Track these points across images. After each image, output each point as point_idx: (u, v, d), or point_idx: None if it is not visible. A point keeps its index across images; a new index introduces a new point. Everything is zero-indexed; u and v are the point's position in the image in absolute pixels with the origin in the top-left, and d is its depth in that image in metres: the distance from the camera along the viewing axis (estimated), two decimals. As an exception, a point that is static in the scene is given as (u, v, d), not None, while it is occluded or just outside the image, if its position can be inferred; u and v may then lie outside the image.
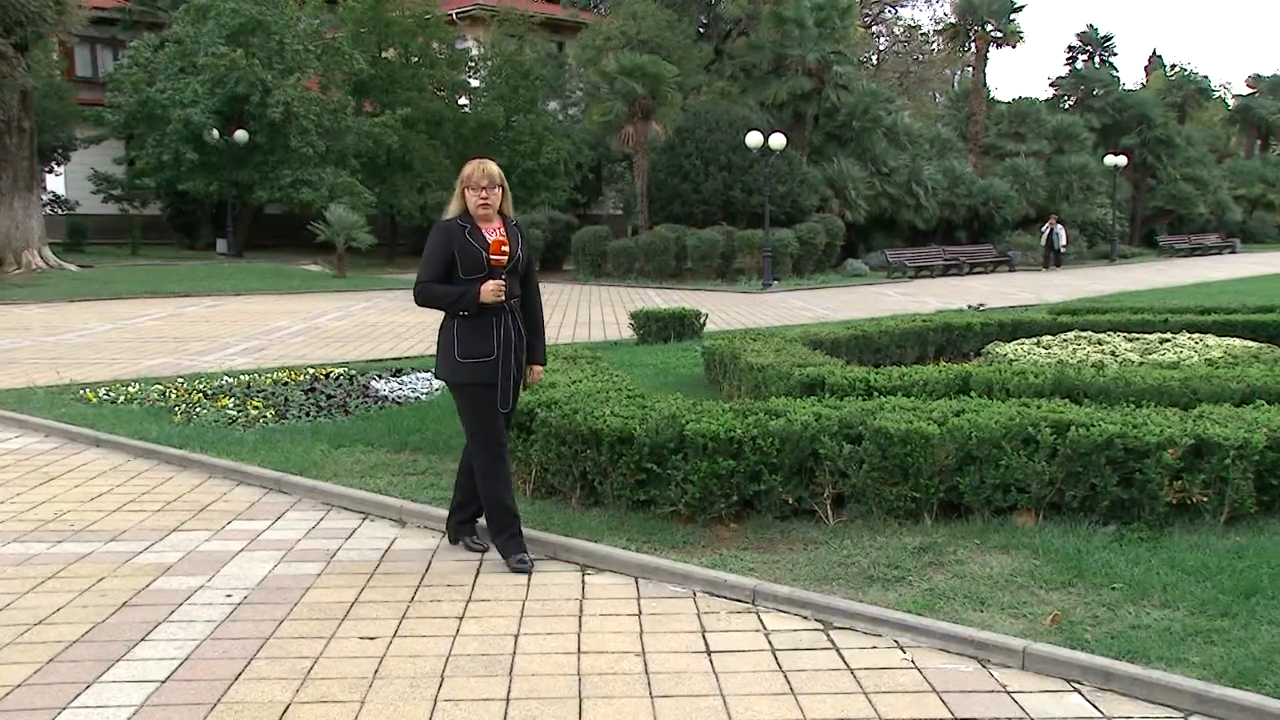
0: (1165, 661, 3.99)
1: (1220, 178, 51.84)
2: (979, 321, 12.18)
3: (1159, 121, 49.08)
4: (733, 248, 30.74)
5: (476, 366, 5.30)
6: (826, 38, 35.35)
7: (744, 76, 37.13)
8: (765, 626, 4.62)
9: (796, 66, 34.87)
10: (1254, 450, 5.43)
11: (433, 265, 5.32)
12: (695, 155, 32.76)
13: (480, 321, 5.28)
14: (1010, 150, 43.42)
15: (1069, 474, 5.53)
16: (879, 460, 5.64)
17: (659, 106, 32.61)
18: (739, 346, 9.64)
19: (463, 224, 5.31)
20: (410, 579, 5.27)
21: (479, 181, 5.29)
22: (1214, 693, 3.75)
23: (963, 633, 4.32)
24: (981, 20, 43.68)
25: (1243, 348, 10.00)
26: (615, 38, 35.42)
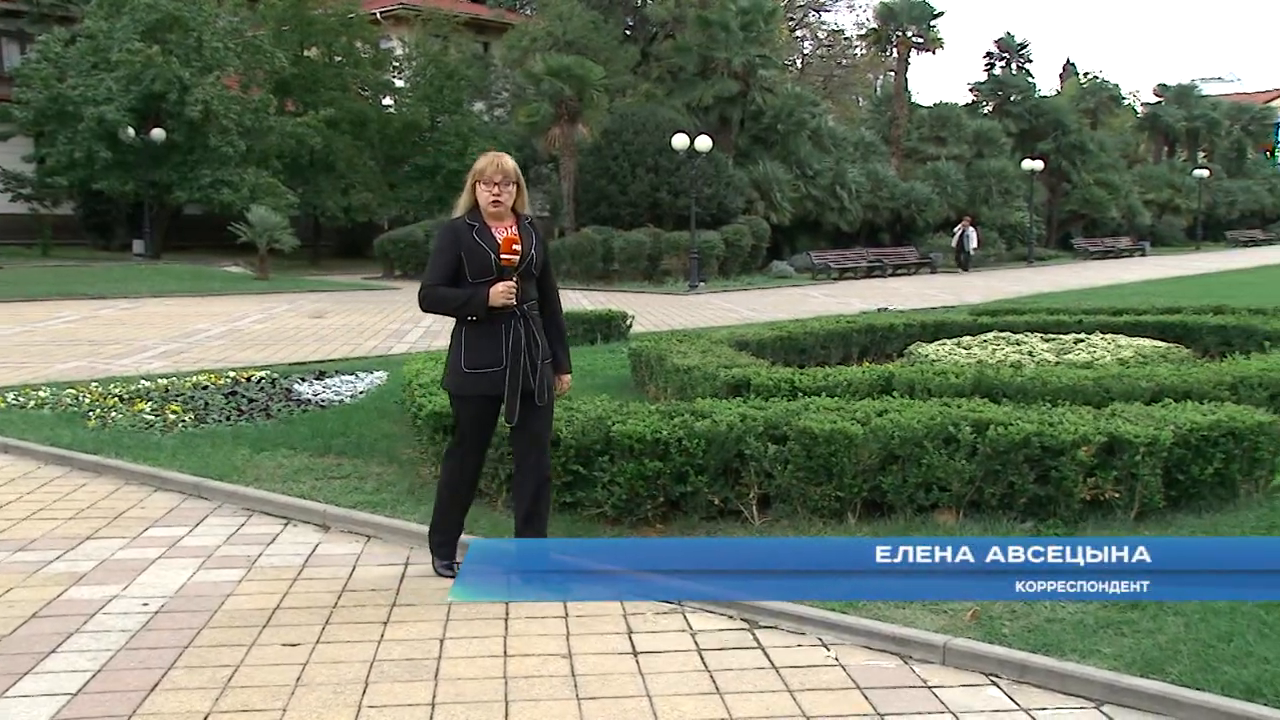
0: (1079, 654, 4.09)
1: (1131, 182, 53.14)
2: (902, 323, 12.35)
3: (1073, 127, 50.16)
4: (659, 249, 30.82)
5: (483, 378, 4.90)
6: (752, 41, 35.60)
7: (670, 79, 37.25)
8: (691, 627, 4.64)
9: (722, 69, 35.07)
10: (1162, 447, 5.58)
11: (439, 267, 4.95)
12: (622, 157, 32.80)
13: (489, 328, 4.89)
14: (932, 154, 44.07)
15: (988, 472, 5.63)
16: (804, 460, 5.70)
17: (586, 108, 32.58)
18: (665, 348, 9.67)
19: (471, 223, 4.95)
20: (334, 584, 5.21)
21: (492, 176, 4.91)
22: (1123, 682, 3.85)
23: (885, 630, 4.38)
24: (902, 26, 44.29)
25: (1152, 348, 10.27)
26: (542, 39, 35.33)
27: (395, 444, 7.67)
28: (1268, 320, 11.35)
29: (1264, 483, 6.03)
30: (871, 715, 3.83)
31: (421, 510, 6.15)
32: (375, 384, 10.50)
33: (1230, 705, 3.67)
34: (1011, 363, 9.17)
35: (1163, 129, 61.66)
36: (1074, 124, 50.52)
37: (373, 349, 14.59)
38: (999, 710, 3.86)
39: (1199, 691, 3.76)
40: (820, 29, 60.23)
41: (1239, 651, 3.99)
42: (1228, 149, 64.95)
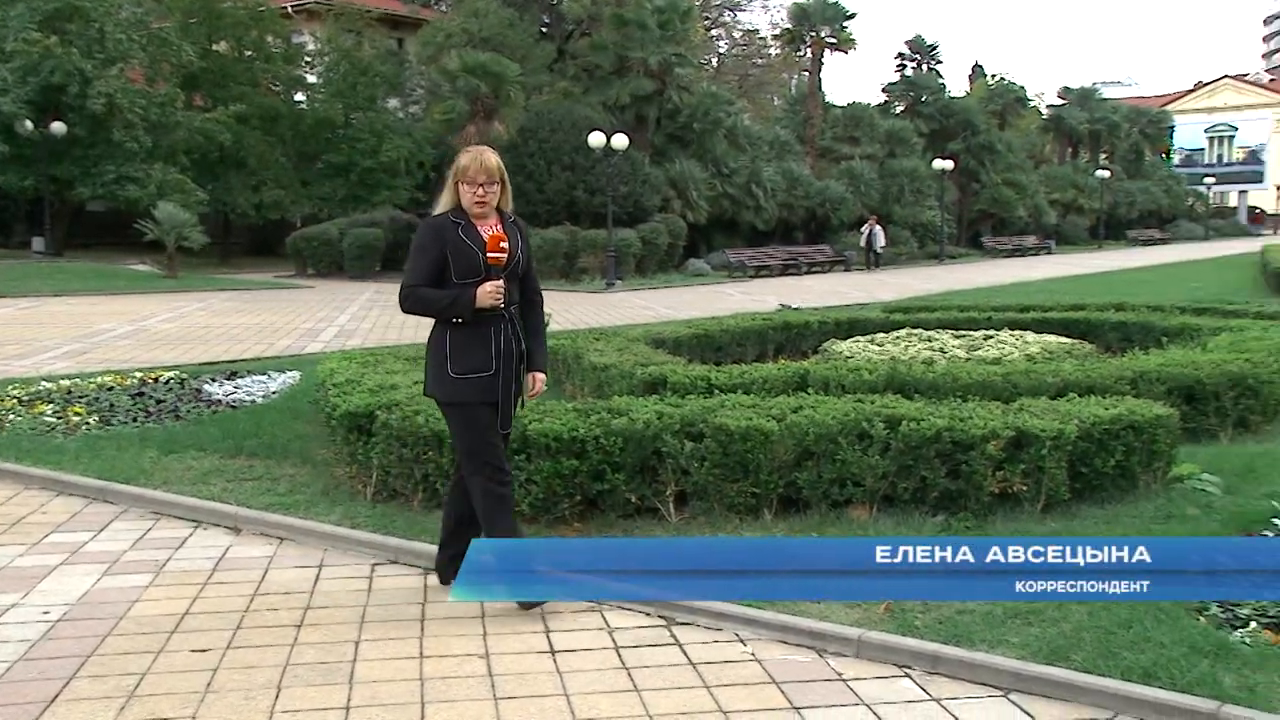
0: (988, 644, 4.18)
1: (1037, 182, 54.40)
2: (817, 320, 12.50)
3: (982, 128, 51.20)
4: (576, 247, 30.78)
5: (473, 383, 4.64)
6: (668, 40, 35.72)
7: (587, 77, 37.22)
8: (609, 624, 4.65)
9: (639, 68, 35.15)
10: (1067, 441, 5.72)
11: (421, 267, 4.68)
12: (539, 155, 32.70)
13: (476, 331, 4.64)
14: (845, 153, 44.65)
15: (901, 467, 5.72)
16: (720, 457, 5.74)
17: (502, 105, 32.41)
18: (582, 346, 9.67)
19: (456, 220, 4.70)
20: (245, 588, 5.12)
21: (476, 176, 4.67)
22: (1030, 670, 3.96)
23: (801, 624, 4.43)
24: (816, 26, 44.79)
25: (1058, 344, 10.54)
26: (456, 35, 35.05)
27: (309, 445, 7.56)
28: (1165, 317, 11.70)
29: (1162, 474, 6.21)
30: (787, 709, 3.88)
31: (337, 511, 6.08)
32: (288, 384, 10.33)
33: (1128, 689, 3.79)
34: (923, 359, 9.34)
35: (1066, 131, 63.23)
36: (983, 125, 51.57)
37: (286, 348, 14.35)
38: (911, 701, 3.93)
39: (1100, 677, 3.87)
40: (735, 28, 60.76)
41: (1137, 637, 4.11)
42: (1127, 151, 66.83)
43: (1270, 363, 8.03)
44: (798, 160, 42.19)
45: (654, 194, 34.10)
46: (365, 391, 6.81)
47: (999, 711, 3.83)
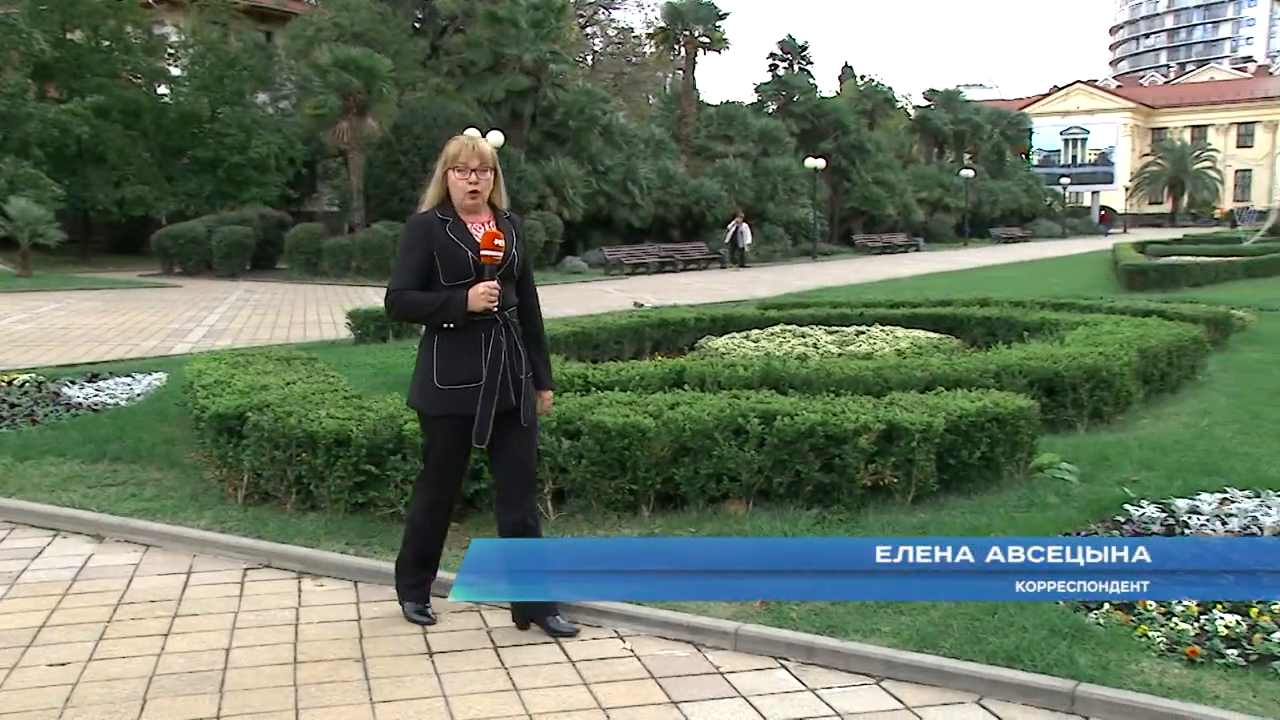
0: (861, 633, 4.28)
1: (905, 182, 55.81)
2: (693, 317, 12.61)
3: (852, 128, 52.31)
4: (452, 245, 30.44)
5: (459, 395, 4.27)
6: (543, 38, 35.62)
7: (461, 73, 36.90)
8: (487, 624, 4.62)
9: (513, 65, 34.98)
10: (935, 433, 5.89)
11: (407, 268, 4.31)
12: (413, 152, 32.26)
13: (466, 338, 4.26)
14: (720, 152, 45.11)
15: (776, 462, 5.81)
16: (597, 455, 5.75)
17: (374, 102, 31.88)
18: (459, 345, 9.57)
19: (443, 217, 4.32)
20: (109, 597, 4.94)
21: (468, 162, 4.31)
22: (901, 658, 4.07)
23: (679, 619, 4.47)
24: (689, 26, 45.13)
25: (926, 339, 10.83)
26: (327, 29, 34.36)
27: (176, 448, 7.33)
28: (1026, 312, 12.13)
29: (1024, 464, 6.43)
30: (666, 704, 3.91)
31: (206, 516, 5.92)
32: (154, 386, 10.00)
33: (993, 672, 3.93)
34: (797, 355, 9.50)
35: (932, 131, 65.02)
36: (853, 125, 52.67)
37: (151, 349, 13.89)
38: (787, 692, 4.00)
39: (967, 662, 4.00)
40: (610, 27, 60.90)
41: (1001, 623, 4.26)
42: (989, 151, 69.05)
43: (1122, 356, 8.39)
44: (673, 158, 42.49)
45: (530, 191, 33.98)
46: (235, 392, 6.64)
47: (871, 699, 3.93)
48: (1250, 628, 4.14)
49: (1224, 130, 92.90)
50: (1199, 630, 4.16)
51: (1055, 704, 3.78)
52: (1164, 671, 3.89)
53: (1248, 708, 3.63)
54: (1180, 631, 4.15)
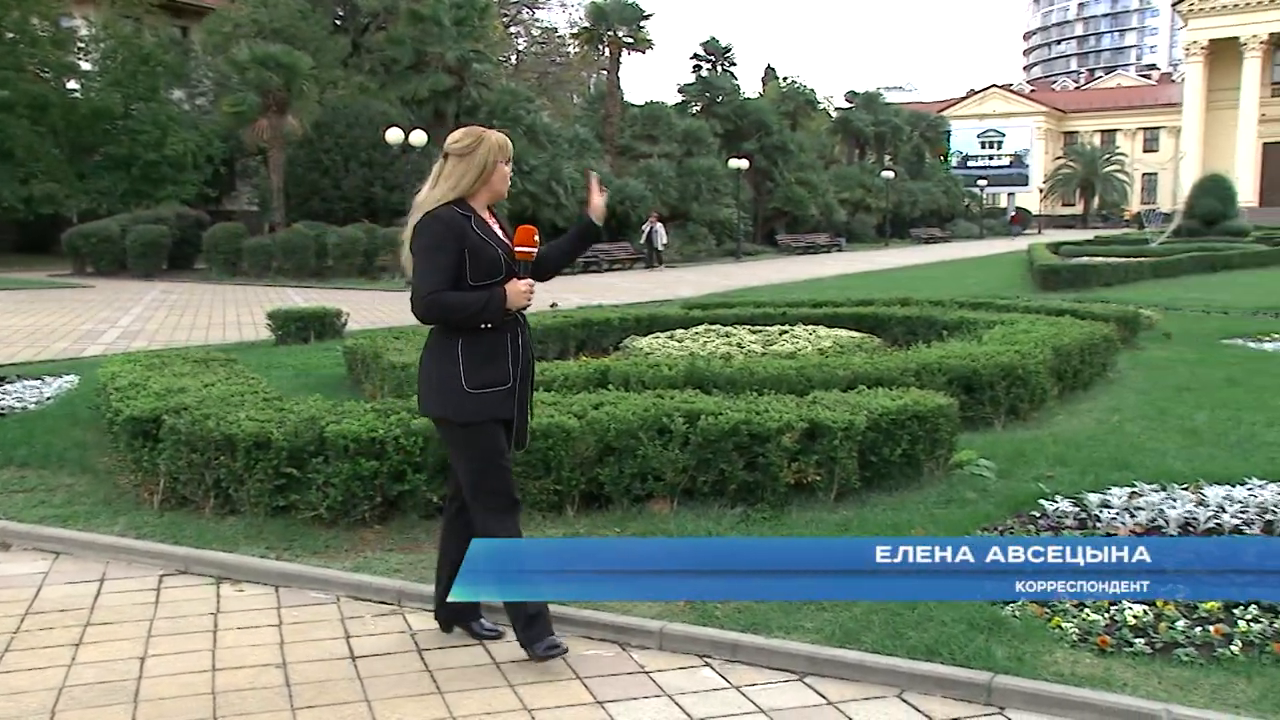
0: (784, 630, 4.32)
1: (827, 182, 56.47)
2: (617, 317, 12.61)
3: (775, 129, 52.77)
4: (376, 245, 30.16)
5: (490, 398, 4.04)
6: (466, 36, 35.44)
7: (384, 71, 36.56)
8: (411, 627, 4.58)
9: (437, 64, 34.74)
10: (857, 431, 5.96)
11: (440, 268, 3.97)
12: (335, 151, 31.91)
13: (495, 339, 4.06)
14: (644, 152, 45.22)
15: (700, 461, 5.84)
16: (522, 455, 5.72)
17: (295, 99, 31.47)
18: (381, 345, 9.50)
19: (464, 213, 4.07)
20: (15, 608, 4.80)
21: (510, 154, 4.19)
22: (824, 654, 4.12)
23: (603, 619, 4.48)
24: (613, 26, 45.20)
25: (848, 338, 10.96)
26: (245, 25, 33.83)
27: (89, 453, 7.16)
28: (946, 311, 12.33)
29: (944, 460, 6.54)
30: (592, 704, 3.91)
31: (120, 521, 5.79)
32: (65, 389, 9.76)
33: (913, 666, 3.99)
34: (721, 354, 9.56)
35: (854, 132, 65.87)
36: (776, 125, 53.14)
37: (62, 351, 13.54)
38: (712, 689, 4.02)
39: (888, 656, 4.07)
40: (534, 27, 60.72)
41: (921, 617, 4.33)
42: (909, 153, 70.16)
43: (1037, 354, 8.57)
44: (597, 158, 42.48)
45: (454, 191, 33.74)
46: (151, 395, 6.51)
47: (795, 695, 3.97)
48: (1156, 617, 4.26)
49: (1131, 135, 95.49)
50: (1109, 620, 4.27)
51: (973, 695, 3.86)
52: (1076, 661, 3.99)
53: (1153, 694, 3.74)
54: (1091, 622, 4.25)
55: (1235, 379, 10.12)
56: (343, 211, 31.47)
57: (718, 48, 54.99)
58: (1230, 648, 4.03)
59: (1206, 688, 3.77)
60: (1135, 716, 3.63)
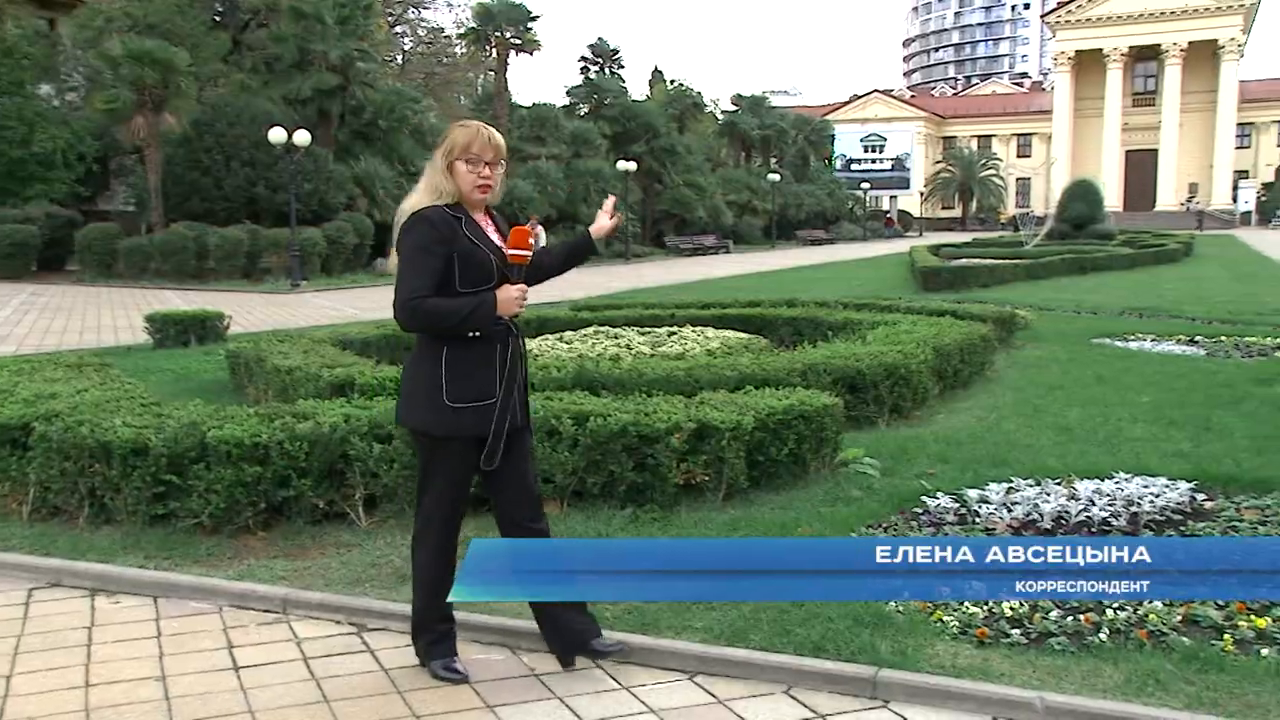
0: (674, 630, 4.36)
1: (715, 184, 57.02)
2: (506, 319, 12.54)
3: (663, 131, 53.11)
4: (258, 247, 29.53)
5: (471, 415, 3.79)
6: (349, 35, 34.88)
7: (266, 69, 35.75)
8: (297, 635, 4.50)
9: (320, 62, 34.10)
10: (745, 431, 6.04)
11: (425, 272, 3.74)
12: (215, 150, 31.09)
13: (483, 349, 3.80)
14: (532, 153, 45.11)
15: (590, 462, 5.85)
16: (409, 459, 5.66)
17: (172, 97, 30.57)
18: (265, 348, 9.31)
19: (455, 215, 3.81)
20: (-124, 626, 4.58)
21: (481, 153, 3.81)
22: (712, 653, 4.16)
23: (492, 622, 4.46)
24: (500, 27, 45.01)
25: (736, 339, 11.08)
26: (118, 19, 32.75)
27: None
28: (831, 312, 12.55)
29: (830, 459, 6.67)
30: (482, 708, 3.89)
31: (-15, 535, 5.56)
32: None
33: (800, 663, 4.06)
34: (610, 356, 9.58)
35: (740, 135, 66.65)
36: (664, 128, 53.48)
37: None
38: (603, 690, 4.03)
39: (776, 654, 4.13)
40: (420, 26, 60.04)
41: (809, 614, 4.41)
42: (794, 156, 71.28)
43: (919, 354, 8.78)
44: (486, 159, 42.21)
45: (339, 192, 33.21)
46: (20, 402, 6.27)
47: (685, 695, 4.00)
48: (1032, 608, 4.41)
49: (1006, 140, 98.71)
50: (988, 613, 4.41)
51: (859, 690, 3.94)
52: (957, 653, 4.11)
53: (1028, 682, 3.87)
54: (971, 615, 4.39)
55: (1104, 377, 10.51)
56: (224, 212, 30.69)
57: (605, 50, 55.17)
58: (1099, 635, 4.19)
59: (1077, 675, 3.91)
60: (1011, 705, 3.75)
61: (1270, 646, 4.10)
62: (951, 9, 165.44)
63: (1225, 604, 4.39)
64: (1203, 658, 3.98)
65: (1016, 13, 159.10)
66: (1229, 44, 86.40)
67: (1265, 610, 4.36)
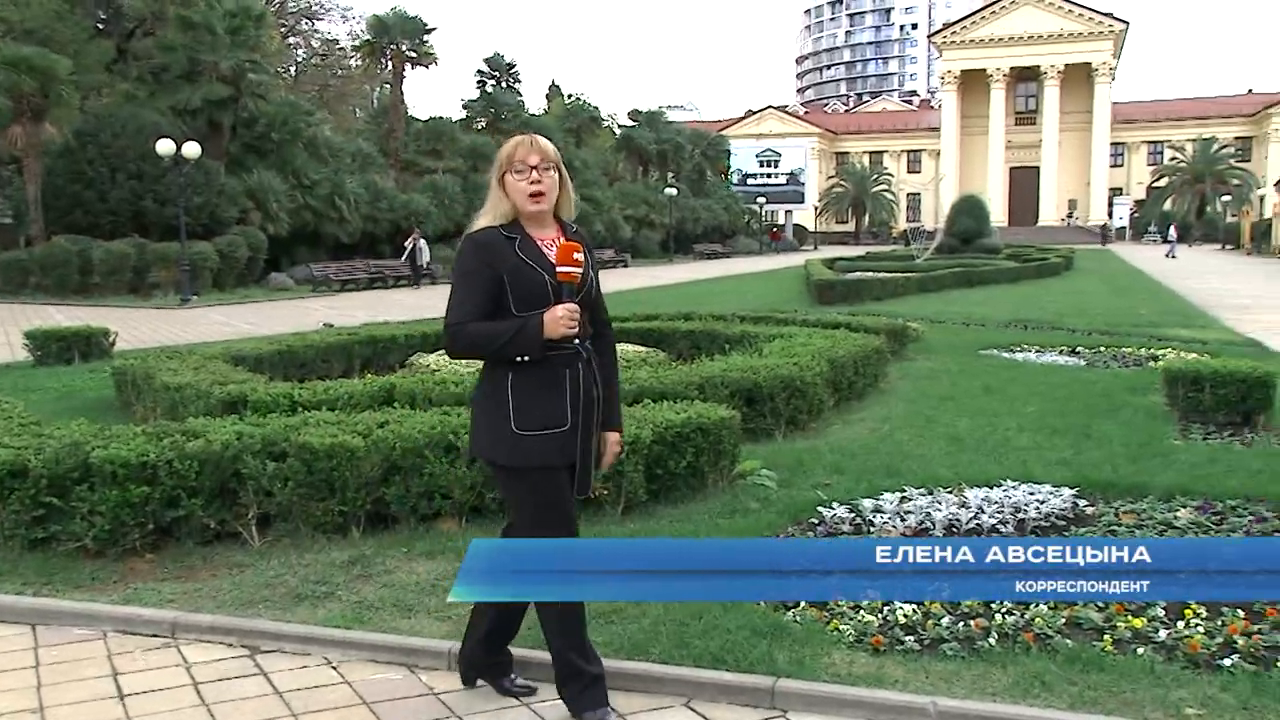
0: (575, 643, 4.34)
1: (613, 199, 57.23)
2: (403, 334, 12.42)
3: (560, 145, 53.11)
4: (146, 261, 28.76)
5: (544, 441, 3.59)
6: (240, 45, 34.21)
7: (153, 79, 34.87)
8: (187, 660, 4.38)
9: (210, 73, 33.38)
10: (644, 445, 6.07)
11: (470, 296, 3.58)
12: (99, 161, 30.20)
13: (548, 374, 3.58)
14: (429, 167, 44.78)
15: (487, 477, 5.80)
16: (305, 476, 5.58)
17: (53, 105, 29.67)
18: (154, 365, 9.07)
19: (509, 234, 3.63)
20: None
21: (526, 157, 3.61)
22: (612, 667, 4.12)
23: (391, 641, 4.40)
24: (396, 40, 44.62)
25: (634, 352, 11.13)
26: (-6, 25, 31.65)
27: None
28: (728, 326, 12.69)
29: (727, 471, 6.72)
30: (379, 728, 3.84)
31: None
32: None
33: (699, 674, 4.08)
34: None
35: (638, 150, 67.02)
36: (561, 142, 53.47)
37: None
38: (503, 708, 3.99)
39: (675, 666, 4.15)
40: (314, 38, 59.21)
41: (708, 626, 4.44)
42: (691, 170, 71.89)
43: (814, 366, 8.92)
44: (381, 173, 41.80)
45: (231, 205, 32.52)
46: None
47: (585, 707, 3.99)
48: (925, 615, 4.51)
49: (897, 156, 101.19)
50: (882, 621, 4.49)
51: (757, 700, 3.98)
52: (853, 661, 4.18)
53: (921, 688, 3.95)
54: (866, 623, 4.46)
55: (991, 388, 10.80)
56: (109, 225, 29.82)
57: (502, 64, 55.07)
58: (989, 640, 4.30)
59: (968, 679, 4.01)
60: (905, 710, 3.83)
61: (1146, 645, 4.26)
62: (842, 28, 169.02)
63: (1105, 606, 4.55)
64: (1085, 658, 4.11)
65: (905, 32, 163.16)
66: (1101, 67, 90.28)
67: (1141, 611, 4.53)
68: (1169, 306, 22.91)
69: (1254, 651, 4.17)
